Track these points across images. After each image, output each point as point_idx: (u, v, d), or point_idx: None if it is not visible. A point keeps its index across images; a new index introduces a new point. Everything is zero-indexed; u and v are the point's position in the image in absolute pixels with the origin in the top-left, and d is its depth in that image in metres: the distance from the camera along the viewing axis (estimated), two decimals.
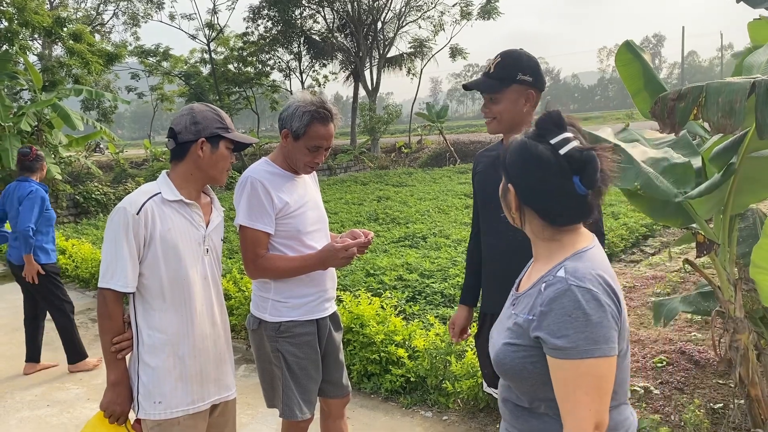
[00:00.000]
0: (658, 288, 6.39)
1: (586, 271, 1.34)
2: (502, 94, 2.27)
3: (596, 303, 1.30)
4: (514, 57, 2.30)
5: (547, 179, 1.38)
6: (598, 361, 1.28)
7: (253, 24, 28.34)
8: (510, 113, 2.28)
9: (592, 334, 1.28)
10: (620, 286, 1.47)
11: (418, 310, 5.46)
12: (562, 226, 1.45)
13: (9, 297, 7.53)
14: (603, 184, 1.38)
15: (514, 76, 2.25)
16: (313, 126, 2.46)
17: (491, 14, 27.39)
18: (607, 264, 1.43)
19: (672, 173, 2.87)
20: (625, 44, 3.81)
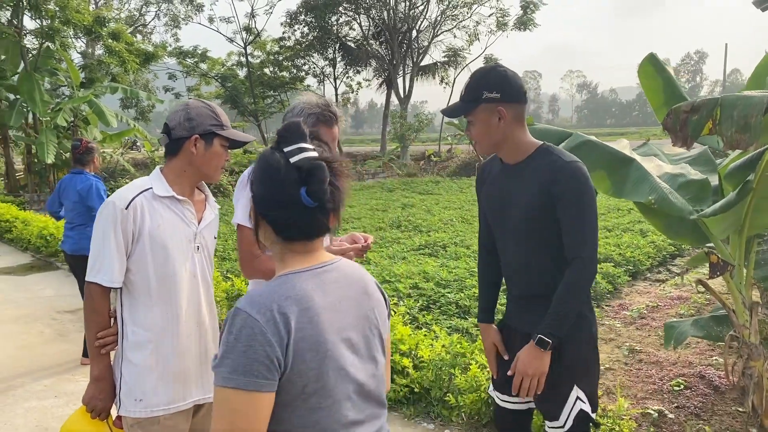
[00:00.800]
0: (682, 309, 6.20)
1: (266, 297, 1.25)
2: (474, 116, 2.19)
3: (250, 332, 1.20)
4: (479, 75, 2.21)
5: (276, 188, 1.32)
6: (233, 393, 1.19)
7: (290, 29, 28.67)
8: (485, 133, 2.19)
9: (234, 362, 1.18)
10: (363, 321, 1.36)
11: (432, 319, 5.38)
12: (290, 241, 1.36)
13: (33, 288, 7.67)
14: (335, 201, 1.32)
15: (480, 96, 2.16)
16: (317, 128, 2.43)
17: (527, 25, 27.20)
18: (319, 294, 1.31)
19: (688, 189, 2.76)
20: (648, 57, 3.71)
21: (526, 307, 2.31)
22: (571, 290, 2.11)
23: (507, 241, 2.32)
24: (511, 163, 2.25)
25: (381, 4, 27.87)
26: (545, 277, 2.22)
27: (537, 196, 2.14)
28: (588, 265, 2.12)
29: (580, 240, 2.11)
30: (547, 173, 2.13)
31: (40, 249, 9.67)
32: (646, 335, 5.48)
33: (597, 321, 5.70)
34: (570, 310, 2.13)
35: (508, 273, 2.39)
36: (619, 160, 2.88)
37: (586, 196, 2.11)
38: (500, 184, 2.31)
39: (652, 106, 3.68)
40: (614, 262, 7.45)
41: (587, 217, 2.11)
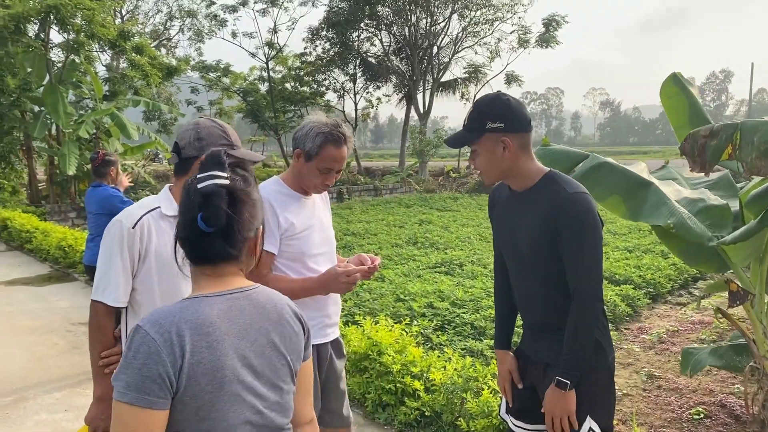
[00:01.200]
0: (703, 334, 6.05)
1: (167, 317, 1.29)
2: (478, 145, 2.15)
3: (147, 350, 1.24)
4: (483, 105, 2.17)
5: (183, 212, 1.39)
6: (126, 408, 1.22)
7: (311, 45, 28.88)
8: (490, 164, 2.16)
9: (129, 378, 1.23)
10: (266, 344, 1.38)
11: (446, 340, 5.31)
12: (197, 265, 1.40)
13: (51, 299, 7.73)
14: (233, 228, 1.35)
15: (483, 126, 2.12)
16: (326, 148, 2.42)
17: (549, 43, 27.13)
18: (224, 320, 1.33)
19: (707, 215, 2.69)
20: (671, 77, 3.64)
21: (539, 335, 2.27)
22: (578, 327, 2.06)
23: (516, 269, 2.30)
24: (518, 191, 2.22)
25: (402, 20, 28.00)
26: (554, 308, 2.17)
27: (540, 227, 2.10)
28: (588, 298, 2.06)
29: (579, 273, 2.07)
30: (550, 204, 2.09)
31: (59, 260, 9.76)
32: (666, 360, 5.35)
33: (615, 345, 5.55)
34: (582, 346, 2.08)
35: (519, 301, 2.36)
36: (637, 183, 2.82)
37: (587, 228, 2.05)
38: (508, 212, 2.28)
39: (673, 127, 3.60)
40: (634, 284, 7.31)
41: (587, 250, 2.05)
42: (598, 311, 2.09)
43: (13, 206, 14.69)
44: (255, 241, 1.43)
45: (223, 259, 1.38)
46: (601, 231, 2.10)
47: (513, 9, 27.70)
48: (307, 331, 1.50)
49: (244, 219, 1.37)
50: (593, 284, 2.06)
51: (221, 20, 27.60)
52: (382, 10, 27.72)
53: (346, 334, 4.39)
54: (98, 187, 5.15)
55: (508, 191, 2.28)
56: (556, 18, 27.10)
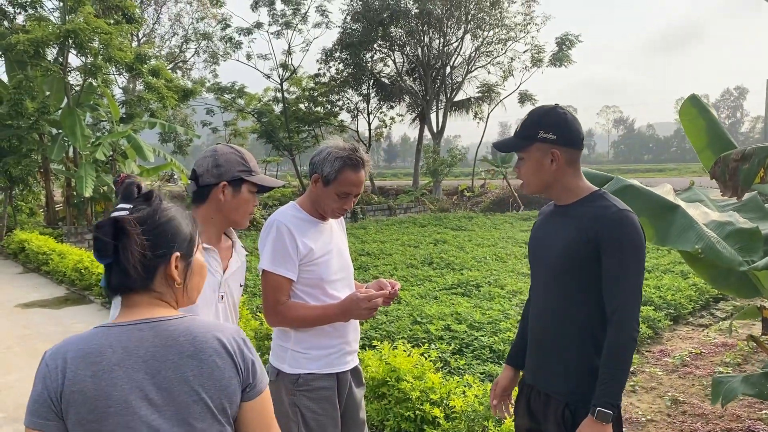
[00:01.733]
0: (727, 357, 5.90)
1: (65, 344, 1.34)
2: (527, 153, 2.14)
3: (41, 375, 1.31)
4: (538, 114, 2.15)
5: None
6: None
7: (325, 66, 29.12)
8: (534, 174, 2.13)
9: (29, 402, 1.31)
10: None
11: (464, 364, 5.22)
12: (113, 296, 1.43)
13: (66, 321, 7.74)
14: (122, 260, 1.34)
15: (535, 135, 2.10)
16: (344, 172, 2.39)
17: (563, 62, 27.13)
18: (118, 351, 1.32)
19: (737, 239, 2.61)
20: (690, 98, 3.58)
21: (548, 362, 2.18)
22: (615, 352, 1.96)
23: (539, 283, 2.24)
24: (562, 205, 2.18)
25: (415, 41, 28.19)
26: (572, 330, 2.08)
27: (580, 240, 2.03)
28: (628, 321, 1.97)
29: (621, 293, 1.98)
30: (596, 218, 2.03)
31: (75, 282, 9.79)
32: (690, 384, 5.22)
33: (637, 368, 5.43)
34: (620, 372, 1.97)
35: (534, 320, 2.27)
36: (664, 206, 2.75)
37: (635, 248, 1.98)
38: (548, 224, 2.25)
39: (695, 149, 3.54)
40: (654, 305, 7.18)
41: (632, 271, 1.97)
42: (637, 335, 2.00)
43: (31, 228, 14.83)
44: (169, 268, 1.39)
45: (129, 290, 1.38)
46: (645, 255, 2.03)
47: (526, 29, 27.81)
48: (246, 368, 1.40)
49: (133, 249, 1.33)
50: (634, 307, 1.98)
51: (236, 42, 27.91)
52: (395, 31, 27.93)
53: (363, 359, 4.32)
54: None
55: (553, 206, 2.26)
56: (570, 37, 27.14)
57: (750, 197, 3.11)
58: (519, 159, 2.17)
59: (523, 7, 27.70)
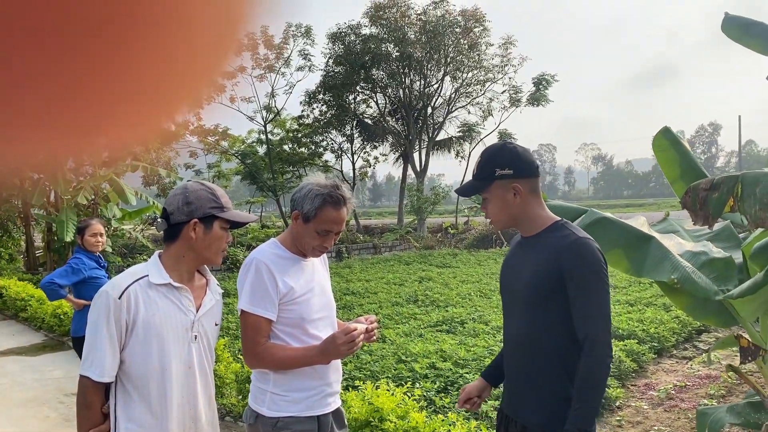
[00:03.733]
0: (711, 389, 5.90)
1: None
2: (489, 192, 2.18)
3: None
4: (490, 154, 2.22)
5: None
6: None
7: (308, 107, 29.42)
8: (501, 210, 2.18)
9: None
10: None
11: (449, 402, 5.15)
12: None
13: (43, 369, 7.55)
14: None
15: (492, 174, 2.15)
16: (324, 209, 2.36)
17: (540, 101, 27.66)
18: None
19: (712, 268, 2.64)
20: (662, 131, 3.67)
21: (522, 392, 2.19)
22: (589, 378, 1.97)
23: (510, 314, 2.27)
24: (527, 236, 2.23)
25: (397, 83, 28.61)
26: (543, 359, 2.11)
27: (543, 269, 2.08)
28: (599, 344, 1.99)
29: (589, 318, 2.01)
30: (557, 247, 2.07)
31: (54, 328, 9.60)
32: (676, 418, 5.19)
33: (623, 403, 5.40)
34: (592, 396, 1.99)
35: (507, 350, 2.29)
36: (638, 237, 2.78)
37: (593, 274, 2.03)
38: (515, 256, 2.29)
39: (668, 180, 3.61)
40: (638, 338, 7.18)
41: (597, 295, 2.01)
42: (610, 359, 2.02)
43: (10, 274, 14.57)
44: None
45: None
46: (608, 279, 2.08)
47: (503, 70, 28.38)
48: None
49: None
50: (604, 330, 2.01)
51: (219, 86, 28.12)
52: (377, 73, 28.38)
53: (346, 400, 4.25)
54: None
55: (520, 237, 2.31)
56: (546, 77, 27.72)
57: (723, 226, 3.16)
58: (483, 200, 2.21)
59: (501, 49, 28.33)
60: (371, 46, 27.00)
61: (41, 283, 4.97)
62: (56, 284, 4.86)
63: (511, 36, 28.14)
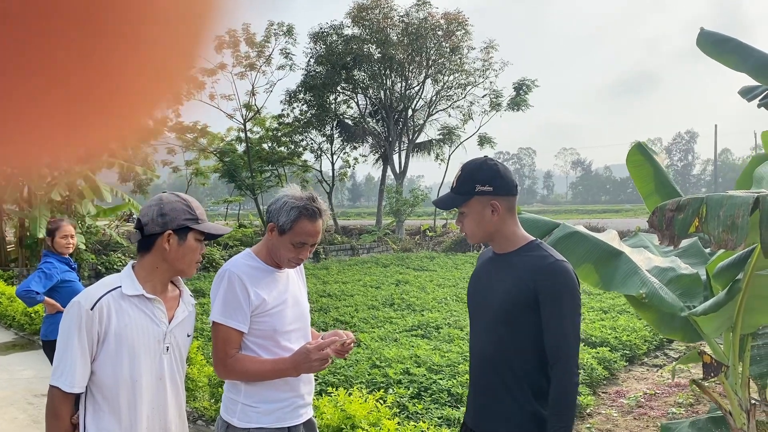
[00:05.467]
0: (680, 398, 6.01)
1: None
2: (467, 207, 2.20)
3: None
4: (471, 169, 2.23)
5: None
6: None
7: (288, 107, 29.33)
8: (477, 225, 2.20)
9: None
10: None
11: (422, 408, 5.18)
12: None
13: (12, 368, 7.44)
14: None
15: (472, 189, 2.17)
16: (300, 222, 2.36)
17: (520, 106, 27.89)
18: None
19: (678, 284, 2.71)
20: (636, 146, 3.74)
21: (487, 406, 2.22)
22: (564, 397, 2.04)
23: (480, 330, 2.27)
24: (501, 253, 2.25)
25: (378, 84, 28.66)
26: (510, 376, 2.15)
27: (517, 288, 2.11)
28: (571, 361, 2.05)
29: (562, 337, 2.06)
30: (533, 268, 2.11)
31: (24, 327, 9.45)
32: (645, 426, 5.28)
33: (593, 410, 5.46)
34: (567, 416, 2.05)
35: (474, 365, 2.31)
36: (608, 252, 2.84)
37: (569, 297, 2.07)
38: (486, 271, 2.30)
39: (641, 195, 3.68)
40: (610, 346, 7.29)
41: (567, 319, 2.07)
42: (578, 378, 2.09)
43: None
44: None
45: None
46: (581, 302, 2.13)
47: (484, 74, 28.57)
48: None
49: None
50: (574, 352, 2.07)
51: (199, 83, 27.90)
52: (358, 74, 28.40)
53: (318, 406, 4.26)
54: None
55: (491, 253, 2.33)
56: (527, 82, 27.99)
57: (691, 243, 3.23)
58: (460, 213, 2.23)
59: (482, 53, 28.51)
60: (353, 46, 27.00)
61: (17, 291, 4.84)
62: (33, 291, 4.75)
63: (492, 40, 28.34)
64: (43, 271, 4.84)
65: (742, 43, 3.92)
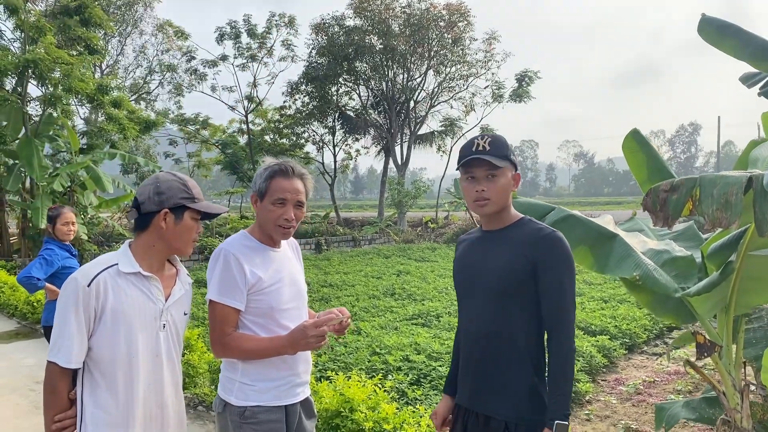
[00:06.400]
0: (679, 385, 6.03)
1: None
2: (501, 172, 2.16)
3: None
4: (501, 138, 2.23)
5: None
6: None
7: (290, 98, 29.30)
8: (503, 193, 2.18)
9: None
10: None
11: (421, 395, 5.21)
12: None
13: (15, 356, 7.49)
14: None
15: (508, 156, 2.17)
16: (274, 180, 2.39)
17: (522, 97, 27.82)
18: None
19: (673, 266, 2.72)
20: (632, 132, 3.74)
21: (486, 384, 2.22)
22: (563, 368, 2.07)
23: (476, 306, 2.26)
24: (493, 230, 2.26)
25: (380, 76, 28.61)
26: (510, 350, 2.16)
27: (515, 261, 2.13)
28: (569, 332, 2.09)
29: (562, 306, 2.09)
30: (529, 240, 2.13)
31: (27, 316, 9.51)
32: (644, 412, 5.30)
33: (592, 397, 5.48)
34: (569, 383, 2.08)
35: (470, 344, 2.29)
36: (603, 235, 2.85)
37: (567, 266, 2.11)
38: (476, 250, 2.30)
39: (638, 181, 3.68)
40: (610, 334, 7.31)
41: (568, 288, 2.10)
42: (575, 346, 2.12)
43: None
44: None
45: None
46: (575, 271, 2.17)
47: (487, 65, 28.50)
48: None
49: None
50: (572, 320, 2.10)
51: (201, 74, 27.95)
52: (360, 65, 28.34)
53: (317, 391, 4.29)
54: None
55: (479, 233, 2.33)
56: (529, 74, 27.91)
57: (687, 226, 3.24)
58: (490, 175, 2.15)
59: (484, 44, 28.42)
60: (355, 37, 26.93)
61: (18, 278, 4.87)
62: (34, 278, 4.79)
63: (495, 31, 28.24)
64: (44, 257, 4.87)
65: (743, 29, 3.91)
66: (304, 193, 2.47)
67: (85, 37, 15.16)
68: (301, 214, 2.48)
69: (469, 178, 2.21)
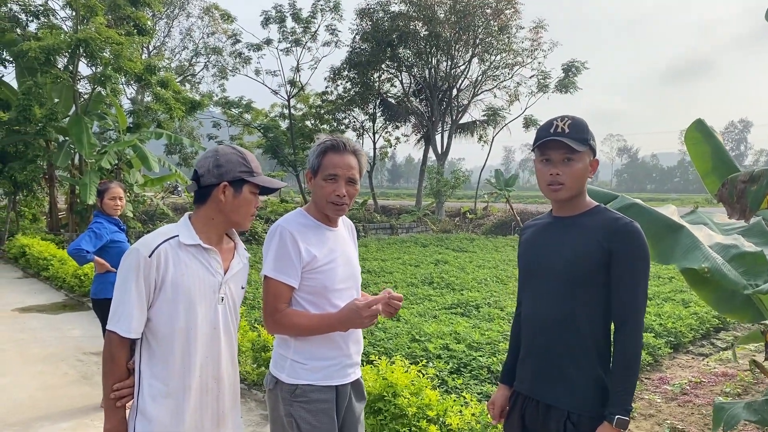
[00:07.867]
0: (727, 387, 5.83)
1: None
2: (579, 156, 2.08)
3: None
4: (582, 121, 2.13)
5: None
6: None
7: (332, 84, 29.32)
8: (580, 178, 2.10)
9: None
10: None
11: (461, 383, 5.16)
12: None
13: (63, 327, 7.69)
14: None
15: (587, 140, 2.08)
16: (327, 156, 2.38)
17: (568, 88, 27.28)
18: None
19: (741, 262, 2.59)
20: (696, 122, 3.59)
21: (550, 372, 2.14)
22: (629, 359, 2.00)
23: (540, 294, 2.19)
24: (565, 216, 2.18)
25: (423, 62, 28.42)
26: (577, 339, 2.08)
27: (589, 248, 2.05)
28: (639, 327, 2.01)
29: (634, 301, 2.00)
30: (605, 228, 2.05)
31: (74, 288, 9.76)
32: (689, 413, 5.15)
33: (636, 395, 5.36)
34: (633, 378, 2.02)
35: (534, 330, 2.21)
36: (668, 226, 2.74)
37: (643, 258, 2.02)
38: (547, 235, 2.22)
39: (699, 173, 3.53)
40: (655, 332, 7.12)
41: (643, 280, 2.01)
42: (642, 341, 2.05)
43: (33, 234, 14.83)
44: None
45: None
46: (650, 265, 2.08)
47: (533, 54, 28.01)
48: None
49: None
50: (642, 315, 2.03)
51: (245, 58, 28.15)
52: (404, 52, 28.17)
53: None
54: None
55: (549, 218, 2.26)
56: (576, 64, 27.33)
57: (754, 222, 3.10)
58: (567, 159, 2.07)
59: (531, 33, 27.93)
60: (399, 23, 26.76)
61: (69, 250, 4.97)
62: (84, 250, 4.88)
63: (542, 20, 27.71)
64: (93, 230, 4.96)
65: None
66: (357, 169, 2.44)
67: (134, 16, 15.39)
68: (355, 191, 2.45)
69: (544, 161, 2.12)
